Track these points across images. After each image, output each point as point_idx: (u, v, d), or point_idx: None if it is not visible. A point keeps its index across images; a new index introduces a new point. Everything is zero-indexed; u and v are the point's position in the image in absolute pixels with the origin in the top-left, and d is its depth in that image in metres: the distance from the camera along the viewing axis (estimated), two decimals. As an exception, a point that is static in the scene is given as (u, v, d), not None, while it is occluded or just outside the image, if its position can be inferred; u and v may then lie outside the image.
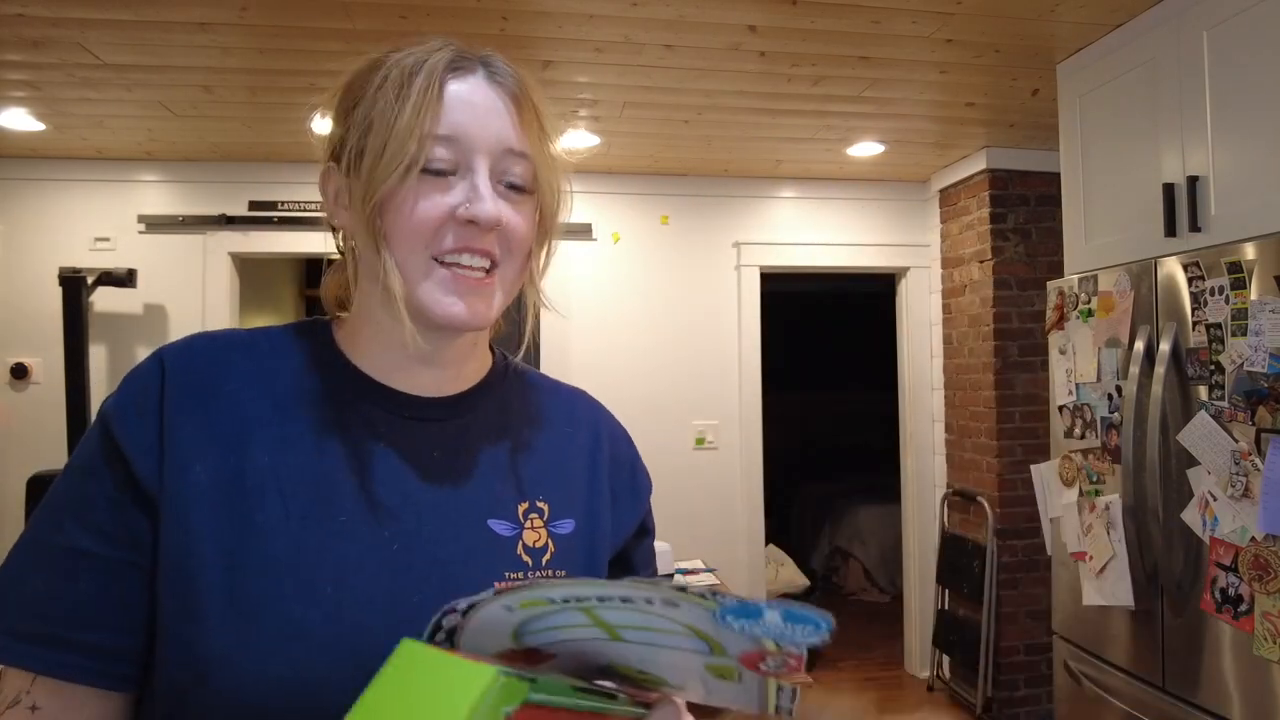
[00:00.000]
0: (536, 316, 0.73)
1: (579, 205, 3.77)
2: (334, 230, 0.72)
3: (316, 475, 0.64)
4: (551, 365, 3.62)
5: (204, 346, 0.68)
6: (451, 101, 0.65)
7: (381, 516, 0.64)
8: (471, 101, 0.65)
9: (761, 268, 3.82)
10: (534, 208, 0.69)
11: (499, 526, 0.68)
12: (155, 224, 3.43)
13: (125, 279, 3.19)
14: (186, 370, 0.65)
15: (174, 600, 0.59)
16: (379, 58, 0.67)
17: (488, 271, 0.67)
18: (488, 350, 0.78)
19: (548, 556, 0.69)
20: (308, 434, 0.65)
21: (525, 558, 0.68)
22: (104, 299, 3.32)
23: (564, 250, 3.70)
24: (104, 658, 0.59)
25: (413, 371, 0.70)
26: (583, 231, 3.74)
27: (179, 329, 3.44)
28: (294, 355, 0.70)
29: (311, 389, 0.68)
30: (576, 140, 3.24)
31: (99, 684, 0.59)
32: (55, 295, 3.10)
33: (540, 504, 0.71)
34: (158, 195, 3.46)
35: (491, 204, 0.64)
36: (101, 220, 3.40)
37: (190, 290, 3.45)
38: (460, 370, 0.73)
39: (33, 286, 3.31)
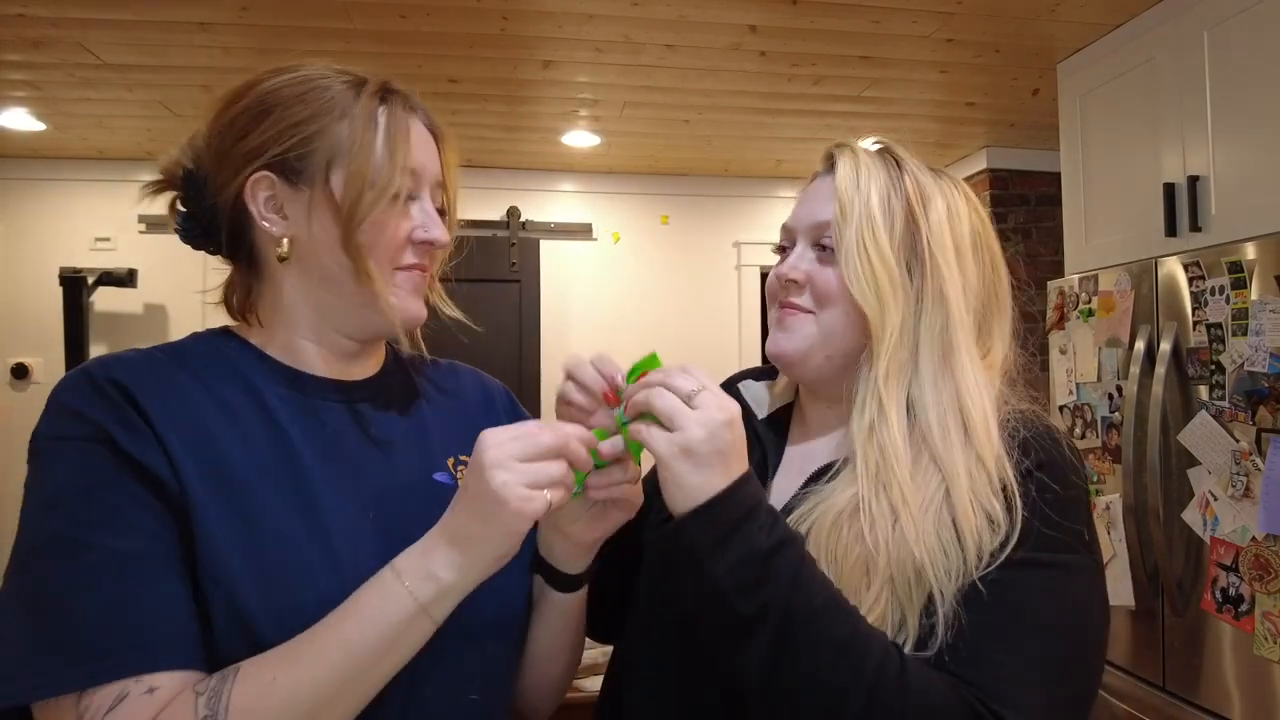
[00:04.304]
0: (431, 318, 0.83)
1: (579, 205, 3.78)
2: (254, 237, 0.76)
3: (285, 456, 0.71)
4: (551, 364, 3.62)
5: (143, 364, 0.71)
6: (413, 138, 0.74)
7: (345, 481, 0.73)
8: (423, 138, 0.76)
9: (761, 268, 3.81)
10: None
11: (441, 477, 0.80)
12: (156, 224, 3.43)
13: (126, 279, 3.19)
14: (143, 386, 0.68)
15: (211, 577, 0.64)
16: (283, 75, 0.74)
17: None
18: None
19: None
20: (264, 427, 0.72)
21: None
22: (104, 299, 3.31)
23: (564, 250, 3.74)
24: (190, 641, 0.62)
25: (338, 361, 0.79)
26: (583, 231, 3.74)
27: (179, 329, 3.44)
28: (225, 364, 0.74)
29: (256, 390, 0.74)
30: (577, 140, 3.24)
31: (194, 666, 0.61)
32: (56, 295, 3.10)
33: (464, 458, 0.81)
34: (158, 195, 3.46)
35: (442, 229, 0.77)
36: (102, 220, 3.40)
37: (190, 290, 3.44)
38: (370, 359, 0.84)
39: (33, 286, 3.31)
